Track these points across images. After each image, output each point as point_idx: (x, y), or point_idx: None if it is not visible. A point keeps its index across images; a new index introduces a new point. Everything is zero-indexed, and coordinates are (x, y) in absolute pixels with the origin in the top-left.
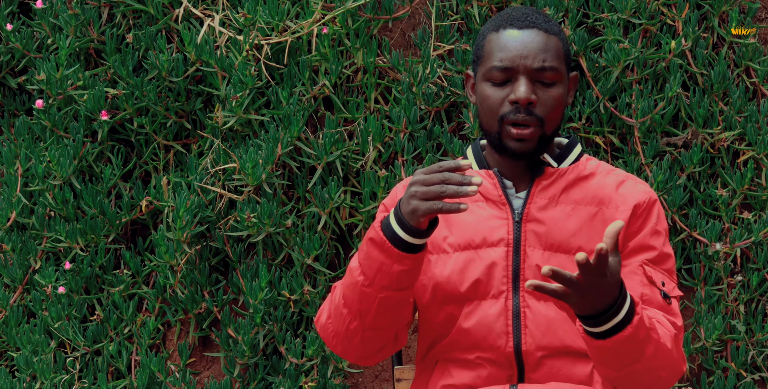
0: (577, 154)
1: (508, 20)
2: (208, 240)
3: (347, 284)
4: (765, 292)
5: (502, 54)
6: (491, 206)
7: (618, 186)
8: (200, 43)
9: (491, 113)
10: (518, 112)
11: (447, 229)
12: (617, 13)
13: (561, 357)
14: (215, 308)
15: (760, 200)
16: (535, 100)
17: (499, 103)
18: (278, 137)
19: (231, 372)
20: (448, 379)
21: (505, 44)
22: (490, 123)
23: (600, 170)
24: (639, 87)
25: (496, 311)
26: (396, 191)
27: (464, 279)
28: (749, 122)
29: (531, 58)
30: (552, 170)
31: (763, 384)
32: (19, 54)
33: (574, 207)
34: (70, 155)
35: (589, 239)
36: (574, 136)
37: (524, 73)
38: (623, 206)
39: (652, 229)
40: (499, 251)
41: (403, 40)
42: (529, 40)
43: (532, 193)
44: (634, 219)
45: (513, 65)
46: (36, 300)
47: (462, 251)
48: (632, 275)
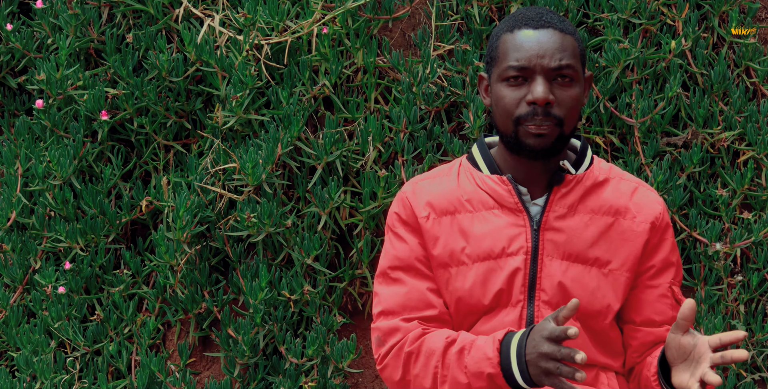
0: (590, 157)
1: (522, 20)
2: (208, 240)
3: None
4: (765, 292)
5: (518, 54)
6: (507, 214)
7: (632, 195)
8: (200, 43)
9: (507, 113)
10: (535, 113)
11: (464, 239)
12: (617, 13)
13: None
14: (215, 308)
15: (760, 200)
16: (553, 100)
17: (515, 104)
18: (278, 137)
19: (231, 372)
20: None
21: (521, 44)
22: (506, 124)
23: (613, 175)
24: (639, 87)
25: (512, 319)
26: (407, 201)
27: (487, 291)
28: (749, 122)
29: (548, 58)
30: (570, 178)
31: (763, 384)
32: (19, 54)
33: (591, 217)
34: (70, 155)
35: (606, 249)
36: (583, 137)
37: (541, 73)
38: (639, 217)
39: (671, 243)
40: (518, 260)
41: (403, 40)
42: (545, 39)
43: (550, 201)
44: (653, 234)
45: (529, 65)
46: (36, 300)
47: (482, 262)
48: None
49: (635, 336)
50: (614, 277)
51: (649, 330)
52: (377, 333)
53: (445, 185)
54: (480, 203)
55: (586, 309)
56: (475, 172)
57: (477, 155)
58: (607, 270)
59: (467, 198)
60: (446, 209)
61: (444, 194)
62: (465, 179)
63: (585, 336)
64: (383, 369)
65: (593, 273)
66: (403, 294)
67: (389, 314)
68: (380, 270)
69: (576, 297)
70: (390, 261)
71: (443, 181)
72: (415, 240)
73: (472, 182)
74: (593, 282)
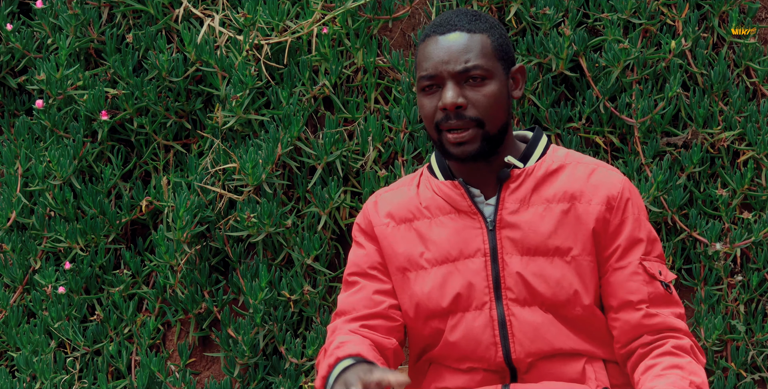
0: (543, 148)
1: (432, 27)
2: (208, 240)
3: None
4: (765, 292)
5: (425, 63)
6: (463, 217)
7: (589, 177)
8: (200, 43)
9: (427, 121)
10: (449, 118)
11: (423, 245)
12: (617, 13)
13: (552, 359)
14: (215, 308)
15: (760, 200)
16: (464, 103)
17: (432, 111)
18: (278, 137)
19: (231, 372)
20: (440, 382)
21: (429, 53)
22: (431, 132)
23: (569, 161)
24: (639, 87)
25: (482, 322)
26: (367, 211)
27: (445, 294)
28: (749, 122)
29: (453, 62)
30: (518, 172)
31: (763, 384)
32: (19, 54)
33: (546, 207)
34: (70, 155)
35: (566, 237)
36: (537, 128)
37: (449, 78)
38: (596, 199)
39: (635, 219)
40: (477, 262)
41: (403, 40)
42: (449, 44)
43: (501, 198)
44: (613, 213)
45: (436, 72)
46: (36, 300)
47: (440, 266)
48: (635, 276)
49: (614, 325)
50: (577, 263)
51: (627, 318)
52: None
53: (406, 194)
54: (437, 208)
55: (554, 300)
56: (432, 179)
57: (433, 162)
58: (570, 258)
59: (425, 205)
60: (405, 217)
61: (403, 203)
62: (424, 187)
63: (561, 325)
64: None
65: (556, 263)
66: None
67: (340, 314)
68: (343, 278)
69: (540, 289)
70: (349, 268)
71: (404, 191)
72: (372, 247)
73: (430, 189)
74: (557, 272)
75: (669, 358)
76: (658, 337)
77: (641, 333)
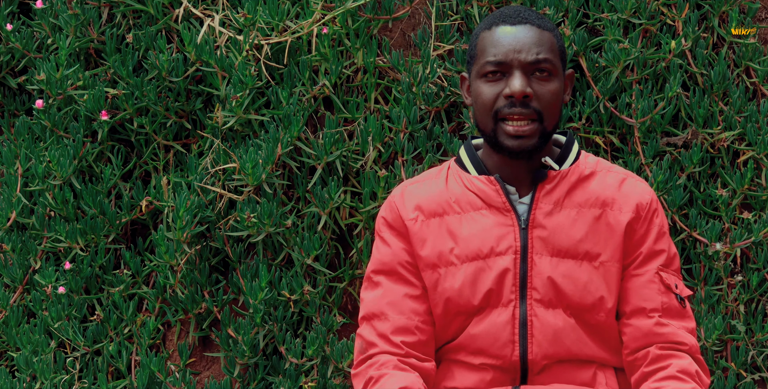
0: (576, 152)
1: (500, 18)
2: (208, 240)
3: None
4: (765, 292)
5: (494, 49)
6: (495, 214)
7: (620, 185)
8: (200, 43)
9: (485, 109)
10: (514, 105)
11: (452, 240)
12: (617, 13)
13: (565, 364)
14: (215, 308)
15: (760, 200)
16: (531, 93)
17: (493, 99)
18: (278, 137)
19: (231, 372)
20: (450, 381)
21: (498, 40)
22: (485, 121)
23: (600, 169)
24: (639, 87)
25: (504, 319)
26: (394, 204)
27: (476, 291)
28: (749, 122)
29: (525, 52)
30: (554, 173)
31: (763, 384)
32: (19, 54)
33: (578, 211)
34: (70, 155)
35: (595, 242)
36: (570, 132)
37: (518, 67)
38: (626, 207)
39: (659, 232)
40: (507, 259)
41: (403, 40)
42: (522, 35)
43: (536, 198)
44: (640, 223)
45: (506, 60)
46: (36, 300)
47: (470, 262)
48: (651, 284)
49: (625, 331)
50: (605, 269)
51: (638, 324)
52: (360, 340)
53: (434, 188)
54: (468, 204)
55: (580, 304)
56: (462, 174)
57: (464, 156)
58: (598, 263)
59: (455, 200)
60: (434, 212)
61: (432, 196)
62: (453, 181)
63: (581, 331)
64: (355, 376)
65: (584, 267)
66: (382, 298)
67: (371, 318)
68: (366, 275)
69: (568, 292)
70: (374, 265)
71: (432, 184)
72: (399, 244)
73: (460, 183)
74: (585, 276)
75: (673, 383)
76: (663, 354)
77: (650, 343)
